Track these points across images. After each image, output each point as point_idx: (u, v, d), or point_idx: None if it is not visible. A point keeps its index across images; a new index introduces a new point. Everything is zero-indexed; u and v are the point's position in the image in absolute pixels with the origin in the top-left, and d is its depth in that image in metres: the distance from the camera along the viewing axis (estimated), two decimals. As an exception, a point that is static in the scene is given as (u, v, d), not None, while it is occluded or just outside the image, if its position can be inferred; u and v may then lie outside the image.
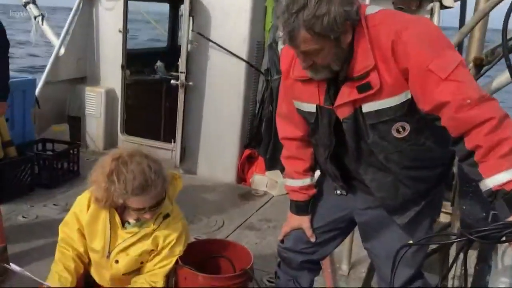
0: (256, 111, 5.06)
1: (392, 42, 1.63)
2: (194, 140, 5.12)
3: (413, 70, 1.63)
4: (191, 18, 4.75)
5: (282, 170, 4.92)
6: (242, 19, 4.76)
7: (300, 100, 1.96)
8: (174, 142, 5.15)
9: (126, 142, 5.74)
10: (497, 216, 1.87)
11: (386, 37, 1.65)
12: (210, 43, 4.86)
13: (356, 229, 2.26)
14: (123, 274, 2.38)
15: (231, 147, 4.97)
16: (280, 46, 4.90)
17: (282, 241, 2.33)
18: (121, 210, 2.34)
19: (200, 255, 2.54)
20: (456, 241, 1.61)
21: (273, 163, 4.91)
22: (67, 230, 2.42)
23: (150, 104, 6.36)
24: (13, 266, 2.13)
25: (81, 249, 2.40)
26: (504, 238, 1.45)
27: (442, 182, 2.05)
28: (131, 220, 2.35)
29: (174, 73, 6.92)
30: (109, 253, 2.34)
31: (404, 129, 1.76)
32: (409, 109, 1.73)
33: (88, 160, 5.07)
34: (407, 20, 1.70)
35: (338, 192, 2.14)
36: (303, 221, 2.21)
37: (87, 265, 2.47)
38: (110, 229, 2.32)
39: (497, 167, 1.54)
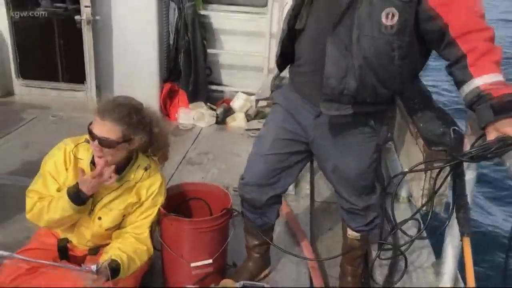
0: (171, 42, 4.88)
1: None
2: (108, 79, 4.83)
3: None
4: None
5: (206, 101, 4.97)
6: None
7: None
8: (84, 82, 4.83)
9: (24, 87, 5.26)
10: (458, 132, 2.15)
11: None
12: (113, -28, 4.47)
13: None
14: (105, 230, 2.33)
15: (150, 83, 4.78)
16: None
17: (242, 178, 2.39)
18: None
19: (177, 199, 2.57)
20: (449, 165, 1.79)
21: (196, 95, 4.89)
22: (44, 191, 2.24)
23: (43, 43, 5.77)
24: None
25: None
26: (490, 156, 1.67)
27: (381, 105, 2.05)
28: None
29: (60, 4, 6.36)
30: (92, 210, 2.27)
31: (393, 17, 1.80)
32: (409, 3, 1.78)
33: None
34: None
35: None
36: None
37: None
38: None
39: (489, 68, 1.69)
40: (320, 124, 2.12)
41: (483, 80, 1.69)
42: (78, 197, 2.13)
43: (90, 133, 2.12)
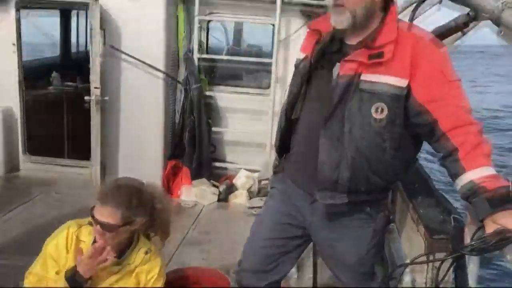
0: (177, 121, 5.01)
1: (415, 38, 1.90)
2: (113, 156, 4.92)
3: (426, 67, 1.85)
4: (102, 31, 4.53)
5: (209, 178, 5.01)
6: (156, 30, 4.68)
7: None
8: (89, 159, 4.91)
9: (30, 163, 5.34)
10: (458, 220, 2.15)
11: (409, 34, 1.91)
12: (123, 56, 4.70)
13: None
14: (103, 316, 2.28)
15: (155, 159, 4.88)
16: (196, 55, 4.92)
17: (239, 263, 2.37)
18: None
19: (175, 285, 2.53)
20: (450, 257, 1.78)
21: (200, 172, 4.94)
22: (43, 273, 2.22)
23: (51, 119, 5.94)
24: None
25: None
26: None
27: (376, 194, 2.06)
28: (112, 259, 2.25)
29: (70, 83, 6.62)
30: None
31: (382, 111, 1.88)
32: (398, 99, 1.87)
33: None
34: (426, 32, 2.02)
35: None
36: None
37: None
38: None
39: (481, 162, 1.75)
40: (316, 210, 2.13)
41: (476, 173, 1.73)
42: (74, 280, 2.10)
43: (93, 217, 2.14)
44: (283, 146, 2.28)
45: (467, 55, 37.22)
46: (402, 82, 1.87)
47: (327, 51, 2.06)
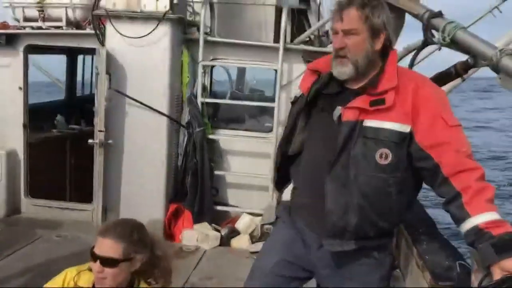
0: (179, 164, 5.02)
1: (415, 84, 1.94)
2: (115, 199, 4.90)
3: (427, 113, 1.89)
4: (108, 75, 4.61)
5: (211, 222, 4.97)
6: (161, 75, 4.76)
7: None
8: (91, 202, 4.90)
9: (31, 206, 5.32)
10: (464, 266, 2.12)
11: (409, 80, 1.95)
12: (127, 99, 4.76)
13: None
14: None
15: (157, 203, 4.85)
16: (200, 99, 4.99)
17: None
18: None
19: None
20: None
21: (201, 215, 4.90)
22: None
23: (54, 162, 5.96)
24: None
25: None
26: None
27: (384, 239, 2.09)
28: None
29: (75, 126, 6.69)
30: None
31: (387, 157, 1.91)
32: (401, 145, 1.90)
33: (-8, 231, 4.56)
34: (426, 78, 2.09)
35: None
36: None
37: None
38: None
39: (485, 207, 1.76)
40: (323, 254, 2.11)
41: (481, 219, 1.74)
42: None
43: (93, 255, 2.11)
44: (280, 181, 2.35)
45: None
46: (405, 128, 1.90)
47: (326, 92, 2.10)
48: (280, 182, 2.41)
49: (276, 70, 5.00)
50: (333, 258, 2.07)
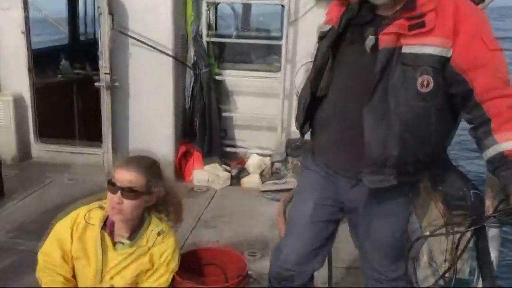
0: (187, 106, 4.98)
1: (454, 3, 1.80)
2: (123, 142, 4.90)
3: (466, 33, 1.77)
4: (110, 16, 4.48)
5: (221, 163, 4.99)
6: (164, 13, 4.63)
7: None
8: (100, 145, 4.91)
9: (42, 150, 5.35)
10: (477, 195, 2.11)
11: (448, 3, 1.80)
12: (132, 40, 4.66)
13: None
14: (117, 297, 2.28)
15: (166, 145, 4.84)
16: (205, 39, 4.87)
17: (278, 252, 2.27)
18: (110, 230, 2.24)
19: (192, 265, 2.52)
20: (472, 229, 1.76)
21: (211, 156, 4.92)
22: (48, 259, 2.24)
23: (62, 106, 5.94)
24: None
25: (68, 275, 2.25)
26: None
27: (420, 174, 2.05)
28: (124, 240, 2.25)
29: (80, 71, 6.62)
30: (102, 277, 2.23)
31: (428, 84, 1.80)
32: (442, 70, 1.80)
33: (8, 176, 4.61)
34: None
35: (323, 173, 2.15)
36: None
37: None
38: (101, 253, 2.20)
39: None
40: (357, 192, 2.06)
41: (507, 146, 1.70)
42: None
43: (112, 184, 2.12)
44: (306, 125, 2.18)
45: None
46: (446, 52, 1.79)
47: (356, 23, 1.95)
48: (304, 126, 2.20)
49: (283, 6, 4.84)
50: (369, 196, 2.02)
